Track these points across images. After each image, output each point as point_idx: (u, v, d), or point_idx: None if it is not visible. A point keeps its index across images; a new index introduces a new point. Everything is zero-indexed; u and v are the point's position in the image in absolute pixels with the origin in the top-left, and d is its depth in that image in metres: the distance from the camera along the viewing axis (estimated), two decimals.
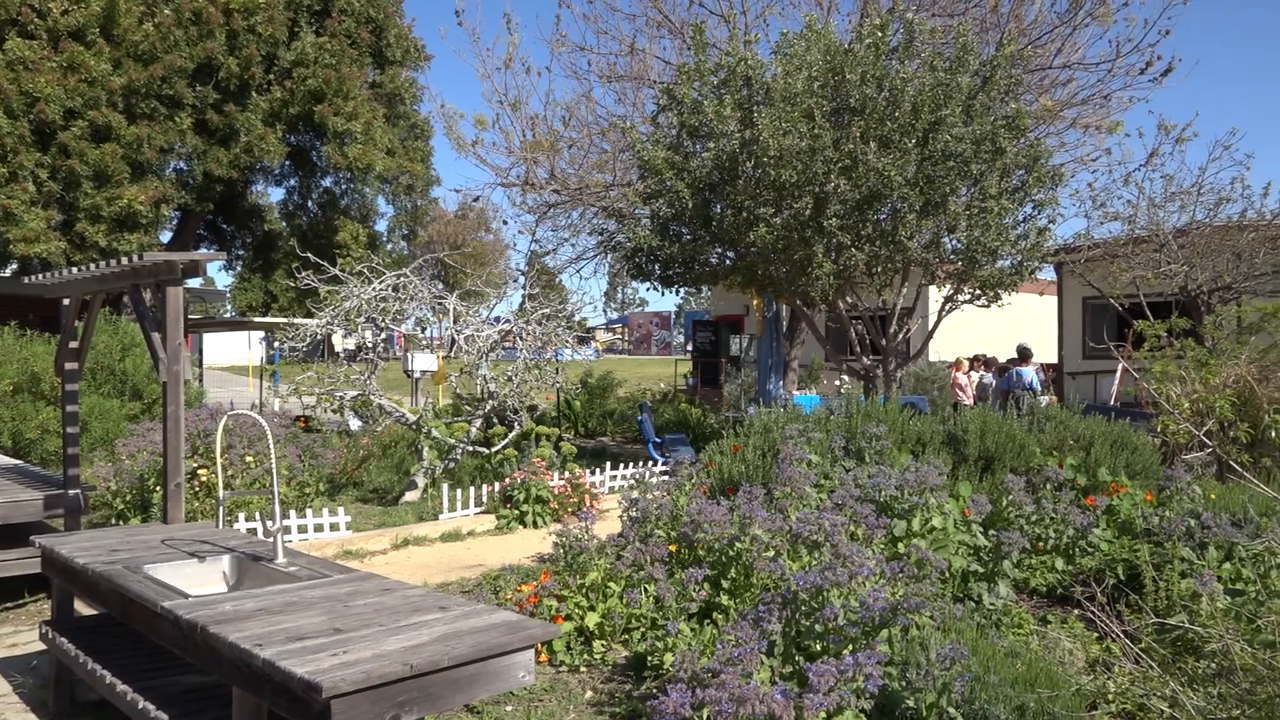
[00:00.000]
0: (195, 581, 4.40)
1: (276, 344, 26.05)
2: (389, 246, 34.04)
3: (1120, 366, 15.50)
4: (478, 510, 9.88)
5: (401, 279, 11.26)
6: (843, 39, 12.39)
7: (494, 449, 10.96)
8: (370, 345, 11.29)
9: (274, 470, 4.52)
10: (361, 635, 3.24)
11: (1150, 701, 3.66)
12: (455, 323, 11.46)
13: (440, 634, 3.26)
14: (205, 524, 6.01)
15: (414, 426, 10.79)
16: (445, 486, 9.85)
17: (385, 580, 4.11)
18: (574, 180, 16.70)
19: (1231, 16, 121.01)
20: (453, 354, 11.75)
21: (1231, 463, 4.39)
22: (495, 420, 11.38)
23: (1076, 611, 5.71)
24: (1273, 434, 8.48)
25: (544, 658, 5.25)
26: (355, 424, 13.47)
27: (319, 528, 8.77)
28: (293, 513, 8.78)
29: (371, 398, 10.81)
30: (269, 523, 4.50)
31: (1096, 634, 5.20)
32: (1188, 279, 14.91)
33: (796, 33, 11.75)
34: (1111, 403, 14.77)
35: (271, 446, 4.62)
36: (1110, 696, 4.28)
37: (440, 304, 11.66)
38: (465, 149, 16.58)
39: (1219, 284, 14.93)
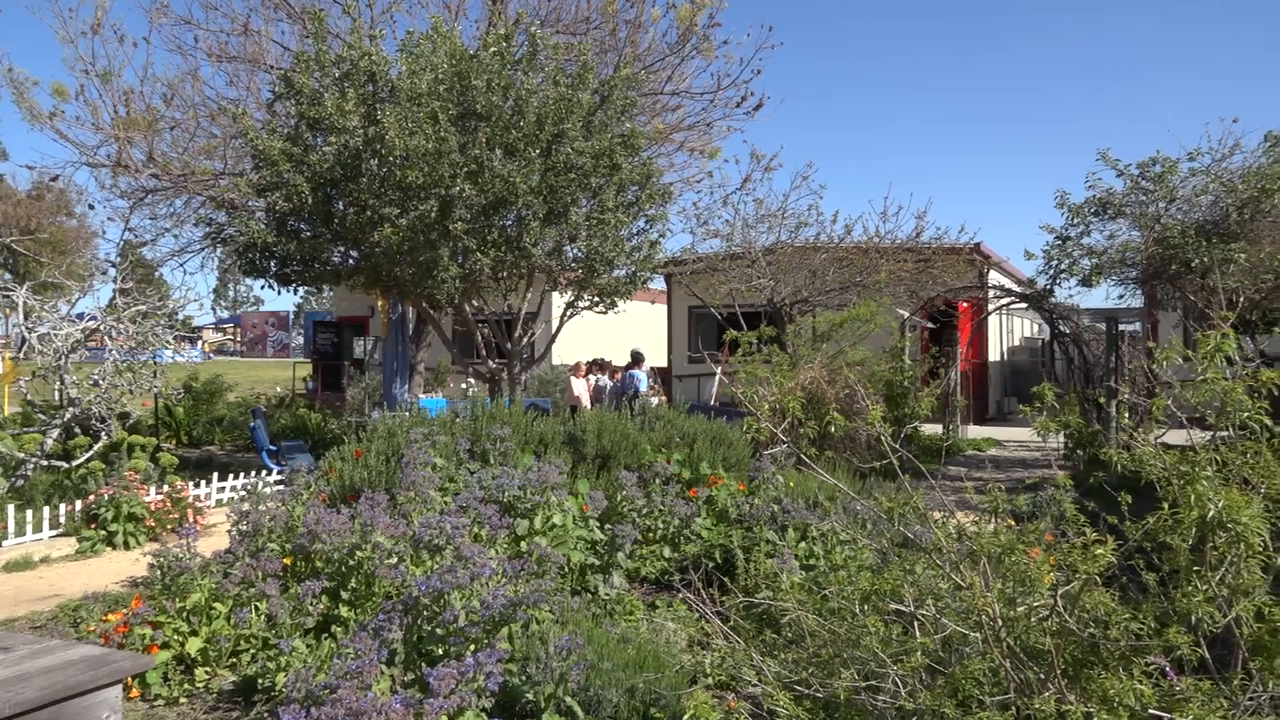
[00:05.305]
0: None
1: None
2: None
3: (719, 370, 17.12)
4: (54, 533, 8.68)
5: None
6: (470, 45, 12.48)
7: (76, 462, 9.69)
8: None
9: None
10: None
11: (740, 672, 4.07)
12: (26, 319, 9.99)
13: (1, 679, 2.83)
14: None
15: None
16: (11, 508, 8.54)
17: None
18: (177, 165, 15.21)
19: (811, 66, 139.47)
20: (23, 355, 10.22)
21: (801, 455, 5.02)
22: (78, 430, 10.09)
23: (681, 595, 6.21)
24: (832, 429, 9.82)
25: (135, 692, 4.73)
26: None
27: None
28: None
29: None
30: None
31: (697, 615, 5.70)
32: (774, 292, 16.82)
33: (423, 33, 11.65)
34: (712, 403, 16.28)
35: None
36: (708, 671, 4.73)
37: (7, 297, 10.11)
38: (41, 120, 14.46)
39: (798, 297, 17.01)
